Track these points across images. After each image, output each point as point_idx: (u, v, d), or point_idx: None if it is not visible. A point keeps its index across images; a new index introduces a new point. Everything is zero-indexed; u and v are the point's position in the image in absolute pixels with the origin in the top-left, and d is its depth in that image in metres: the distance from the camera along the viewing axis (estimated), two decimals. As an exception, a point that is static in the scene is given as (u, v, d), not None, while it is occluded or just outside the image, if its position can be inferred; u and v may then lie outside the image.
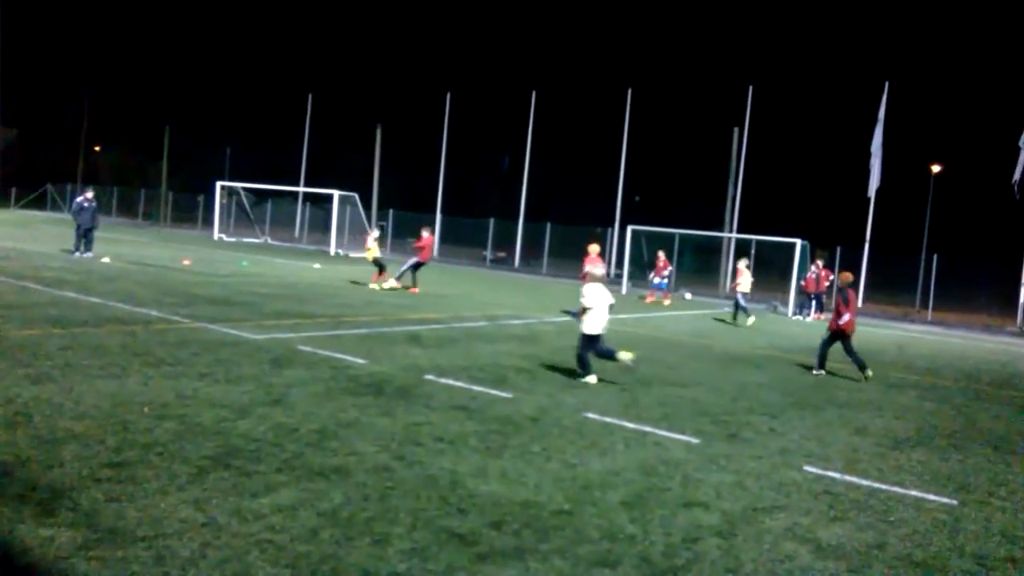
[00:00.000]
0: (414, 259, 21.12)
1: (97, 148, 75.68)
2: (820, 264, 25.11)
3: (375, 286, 20.95)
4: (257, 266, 26.34)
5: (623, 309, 22.28)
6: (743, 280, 21.31)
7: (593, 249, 20.19)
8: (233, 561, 4.30)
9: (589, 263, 19.79)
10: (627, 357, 10.22)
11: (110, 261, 21.99)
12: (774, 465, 7.24)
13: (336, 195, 39.82)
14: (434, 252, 43.45)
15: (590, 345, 10.30)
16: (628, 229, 31.20)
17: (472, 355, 11.67)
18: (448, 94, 45.71)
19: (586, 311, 10.24)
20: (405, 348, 11.77)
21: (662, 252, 26.09)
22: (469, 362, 11.02)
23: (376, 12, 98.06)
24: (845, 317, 12.87)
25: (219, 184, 45.66)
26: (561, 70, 75.56)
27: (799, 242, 26.48)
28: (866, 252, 33.42)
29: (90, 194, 24.41)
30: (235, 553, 4.40)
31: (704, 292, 31.38)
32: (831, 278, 25.49)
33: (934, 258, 31.77)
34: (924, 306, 31.45)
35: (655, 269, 25.86)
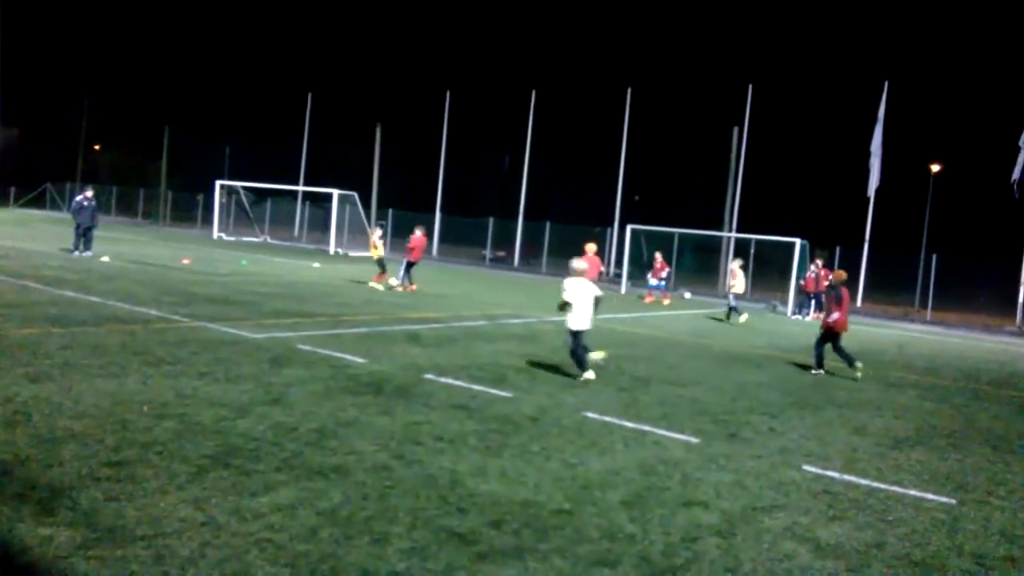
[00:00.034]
0: (406, 261, 21.30)
1: (97, 147, 75.64)
2: (820, 263, 25.09)
3: (378, 286, 20.97)
4: (256, 265, 26.34)
5: (622, 308, 22.28)
6: (737, 282, 21.36)
7: (590, 248, 20.21)
8: (232, 560, 4.30)
9: (587, 262, 19.86)
10: (598, 356, 10.29)
11: (109, 260, 21.99)
12: (773, 464, 7.24)
13: (335, 194, 39.81)
14: (427, 251, 43.68)
15: (578, 340, 10.28)
16: (627, 228, 31.20)
17: (471, 354, 11.68)
18: (448, 93, 45.75)
19: (567, 306, 10.18)
20: (404, 347, 11.78)
21: (659, 253, 26.14)
22: (468, 361, 11.03)
23: (375, 11, 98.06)
24: (834, 315, 12.89)
25: (218, 183, 45.66)
26: (561, 69, 75.45)
27: (798, 241, 26.48)
28: (865, 251, 33.43)
29: (89, 193, 24.42)
30: (234, 552, 4.40)
31: (704, 291, 31.37)
32: (830, 277, 25.44)
33: (933, 258, 31.74)
34: (923, 306, 31.44)
35: (652, 270, 25.92)
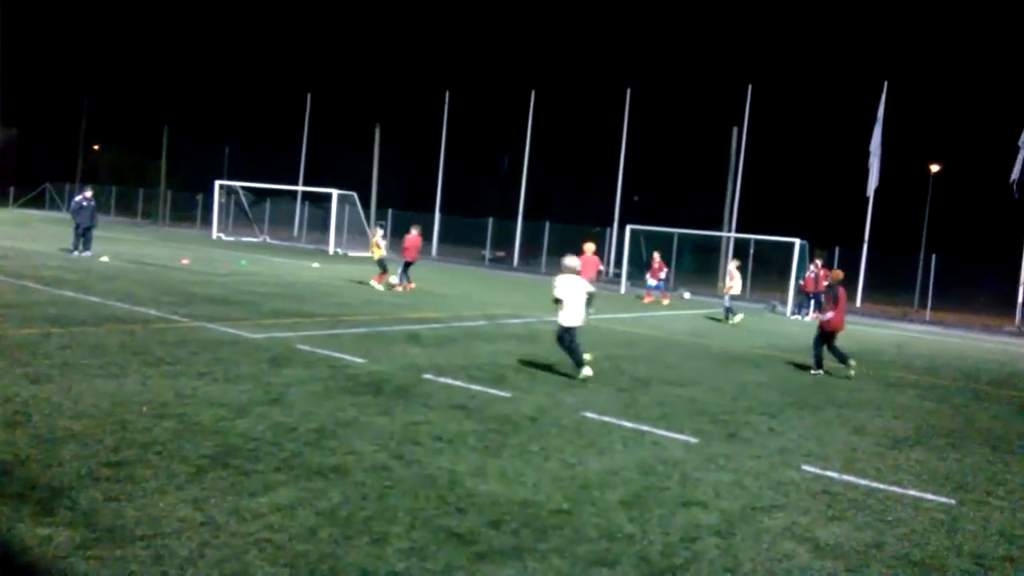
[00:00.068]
0: (404, 260, 21.38)
1: (96, 147, 75.64)
2: (819, 264, 25.10)
3: (378, 286, 21.01)
4: (256, 265, 26.34)
5: (621, 309, 22.28)
6: (735, 283, 21.37)
7: (588, 247, 20.23)
8: (231, 560, 4.30)
9: (584, 262, 19.87)
10: (588, 374, 10.31)
11: (109, 260, 21.98)
12: (773, 464, 7.25)
13: (335, 194, 39.80)
14: (428, 251, 43.68)
15: (571, 336, 10.41)
16: (627, 228, 31.21)
17: (471, 354, 11.68)
18: (447, 93, 45.75)
19: (559, 302, 10.36)
20: (404, 347, 11.78)
21: (657, 253, 26.15)
22: (468, 361, 11.03)
23: (375, 12, 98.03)
24: (828, 314, 12.94)
25: (218, 183, 45.65)
26: (560, 69, 75.38)
27: (798, 241, 26.49)
28: (865, 252, 33.44)
29: (89, 193, 24.41)
30: (233, 552, 4.40)
31: (703, 292, 31.37)
32: (828, 277, 25.46)
33: (933, 258, 31.75)
34: (923, 306, 31.45)
35: (651, 270, 25.93)
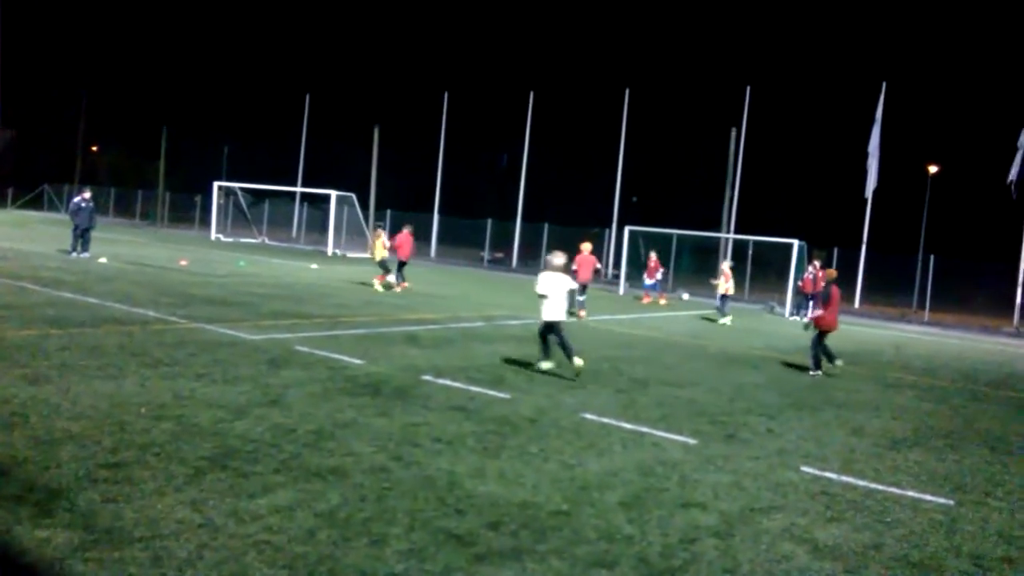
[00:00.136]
0: (398, 260, 21.46)
1: (94, 148, 75.58)
2: (817, 265, 25.10)
3: (379, 287, 21.06)
4: (254, 266, 26.32)
5: (620, 310, 22.29)
6: (729, 283, 21.44)
7: (585, 247, 20.25)
8: (230, 562, 4.30)
9: (580, 262, 19.91)
10: (579, 364, 10.47)
11: (107, 261, 21.96)
12: (771, 466, 7.25)
13: (333, 195, 39.78)
14: (427, 252, 43.68)
15: (549, 330, 10.79)
16: (626, 229, 31.21)
17: (470, 355, 11.68)
18: (445, 94, 45.76)
19: (542, 298, 10.73)
20: (403, 348, 11.77)
21: (654, 253, 26.13)
22: (467, 362, 11.03)
23: (373, 12, 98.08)
24: (817, 311, 13.05)
25: (216, 184, 45.62)
26: (559, 70, 75.57)
27: (796, 242, 26.51)
28: (863, 252, 33.45)
29: (87, 194, 24.39)
30: (232, 554, 4.39)
31: (702, 292, 31.36)
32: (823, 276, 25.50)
33: (931, 259, 31.78)
34: (921, 307, 31.48)
35: (647, 270, 25.92)
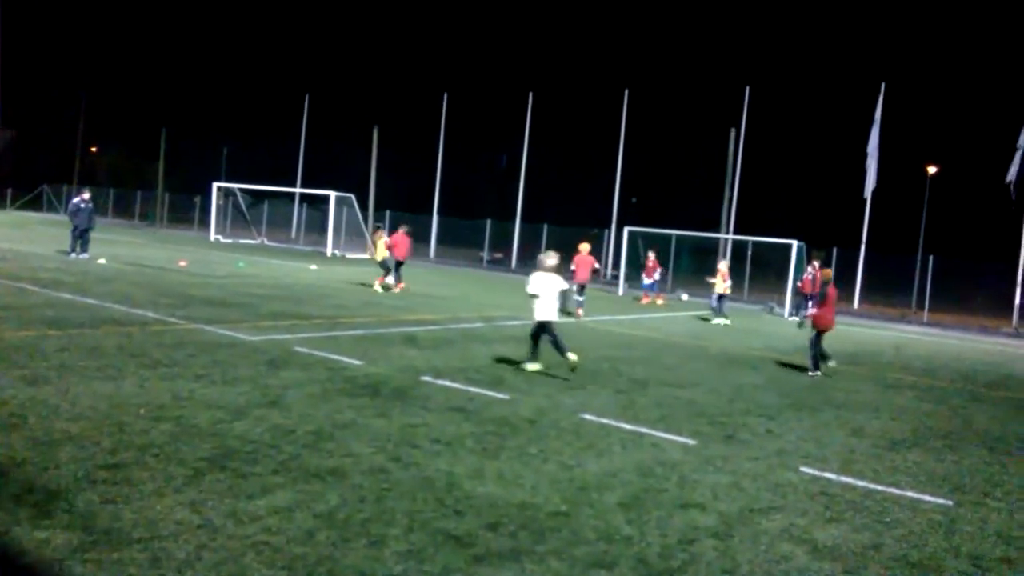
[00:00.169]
0: (394, 260, 21.45)
1: (94, 149, 75.56)
2: (817, 265, 25.10)
3: (379, 288, 21.06)
4: (253, 267, 26.31)
5: (620, 310, 22.29)
6: (727, 283, 21.49)
7: (583, 248, 20.28)
8: (229, 563, 4.30)
9: (579, 262, 19.94)
10: (573, 359, 10.53)
11: (106, 262, 21.94)
12: (771, 466, 7.25)
13: (333, 196, 39.76)
14: (426, 253, 43.68)
15: (542, 331, 10.80)
16: (625, 230, 31.20)
17: (469, 356, 11.67)
18: (445, 95, 45.77)
19: (533, 298, 10.81)
20: (401, 349, 11.77)
21: (652, 253, 26.09)
22: (466, 363, 11.02)
23: (373, 13, 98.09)
24: (811, 309, 13.08)
25: (215, 185, 45.59)
26: (558, 71, 75.60)
27: (795, 243, 26.51)
28: (862, 253, 33.46)
29: (86, 195, 24.37)
30: (231, 555, 4.39)
31: (701, 293, 31.35)
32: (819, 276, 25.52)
33: (930, 259, 31.78)
34: (920, 307, 31.48)
35: (645, 269, 25.91)
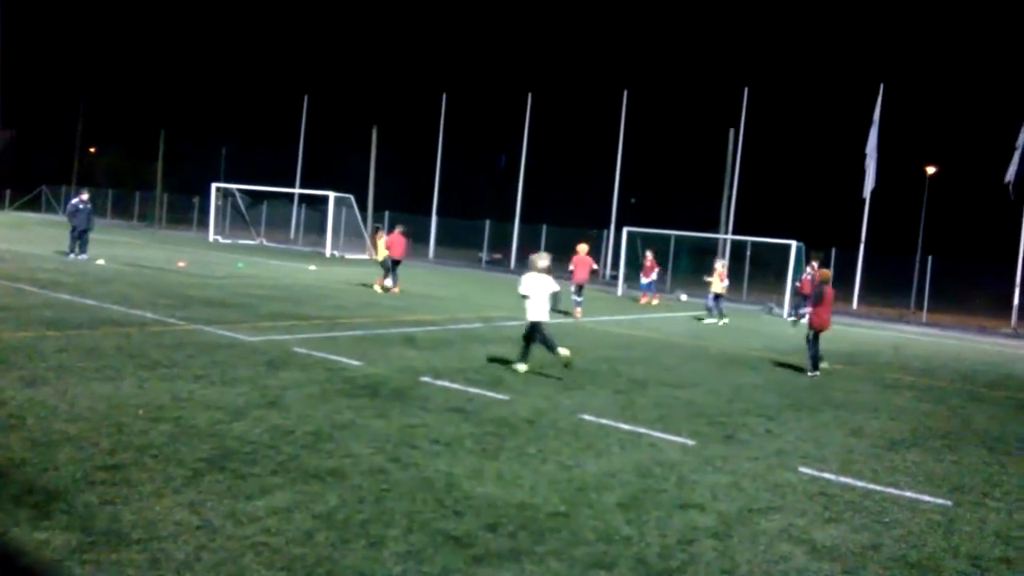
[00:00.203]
0: (391, 260, 21.45)
1: (92, 150, 75.53)
2: (816, 266, 25.07)
3: (378, 288, 21.08)
4: (252, 268, 26.30)
5: (619, 311, 22.29)
6: (724, 283, 21.51)
7: (582, 248, 20.29)
8: (228, 564, 4.29)
9: (577, 262, 19.95)
10: (566, 354, 10.63)
11: (105, 263, 21.93)
12: (770, 466, 7.25)
13: (332, 197, 39.75)
14: (424, 254, 43.68)
15: (533, 331, 10.82)
16: (624, 231, 31.21)
17: (468, 357, 11.67)
18: (444, 95, 45.78)
19: (524, 299, 10.86)
20: (400, 350, 11.77)
21: (650, 252, 26.08)
22: (465, 364, 11.02)
23: (372, 13, 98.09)
24: (806, 308, 13.12)
25: (214, 186, 45.57)
26: (557, 71, 75.69)
27: (794, 243, 26.51)
28: (861, 253, 33.49)
29: (85, 196, 24.36)
30: (230, 556, 4.39)
31: (700, 294, 31.35)
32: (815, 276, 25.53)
33: (929, 259, 31.81)
34: (919, 307, 31.50)
35: (643, 269, 25.91)
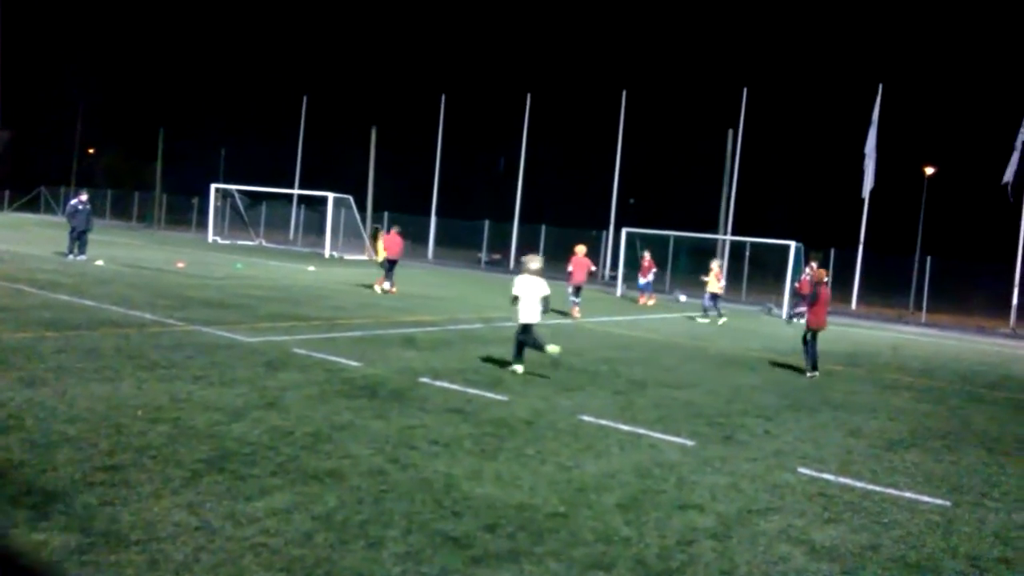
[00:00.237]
0: (388, 261, 21.46)
1: (91, 150, 75.49)
2: (815, 266, 25.07)
3: (379, 289, 21.09)
4: (251, 269, 26.29)
5: (618, 311, 22.29)
6: (721, 283, 21.62)
7: (580, 250, 20.30)
8: (227, 565, 4.29)
9: (575, 263, 19.96)
10: (554, 350, 10.68)
11: (104, 264, 21.92)
12: (769, 467, 7.25)
13: (331, 197, 39.75)
14: (424, 254, 43.68)
15: (523, 333, 10.86)
16: (623, 231, 31.21)
17: (467, 357, 11.67)
18: (443, 96, 45.82)
19: (516, 300, 10.89)
20: (399, 351, 11.77)
21: (647, 252, 26.08)
22: (464, 365, 11.02)
23: (371, 14, 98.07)
24: (801, 308, 13.15)
25: (213, 186, 45.57)
26: (556, 72, 75.63)
27: (793, 244, 26.51)
28: (860, 254, 33.51)
29: (84, 196, 24.35)
30: (229, 557, 4.39)
31: (699, 294, 31.35)
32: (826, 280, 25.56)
33: (928, 260, 31.84)
34: (918, 308, 31.52)
35: (641, 269, 25.91)
